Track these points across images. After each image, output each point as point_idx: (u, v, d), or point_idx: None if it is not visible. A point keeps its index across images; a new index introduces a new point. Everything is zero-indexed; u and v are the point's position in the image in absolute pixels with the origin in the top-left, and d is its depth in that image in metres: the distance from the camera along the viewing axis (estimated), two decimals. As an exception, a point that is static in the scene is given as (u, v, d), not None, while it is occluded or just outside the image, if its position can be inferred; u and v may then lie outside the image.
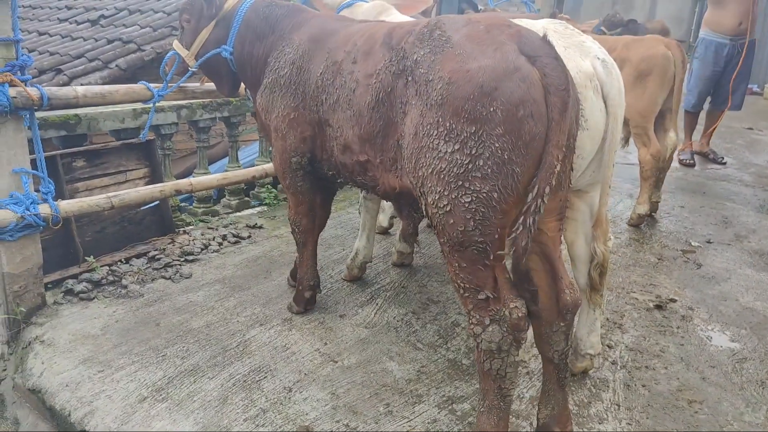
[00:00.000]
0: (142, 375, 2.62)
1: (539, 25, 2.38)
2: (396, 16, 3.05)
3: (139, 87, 3.21)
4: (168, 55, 3.09)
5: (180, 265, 3.68)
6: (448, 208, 1.87)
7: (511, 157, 1.78)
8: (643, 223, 4.61)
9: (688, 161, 6.40)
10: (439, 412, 2.45)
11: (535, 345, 2.21)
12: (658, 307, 3.37)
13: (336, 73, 2.45)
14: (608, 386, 2.66)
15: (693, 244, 4.32)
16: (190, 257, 3.78)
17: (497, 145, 1.77)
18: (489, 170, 1.78)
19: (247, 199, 5.18)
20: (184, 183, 3.65)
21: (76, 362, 2.70)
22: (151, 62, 6.64)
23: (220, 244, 4.01)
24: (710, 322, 3.23)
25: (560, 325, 2.05)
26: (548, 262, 2.03)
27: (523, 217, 1.79)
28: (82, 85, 5.35)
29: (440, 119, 1.86)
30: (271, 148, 3.07)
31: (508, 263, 1.97)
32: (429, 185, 1.92)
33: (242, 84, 3.21)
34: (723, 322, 3.24)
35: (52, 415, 2.52)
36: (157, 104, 3.47)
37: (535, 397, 2.49)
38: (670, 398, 2.59)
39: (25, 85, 2.75)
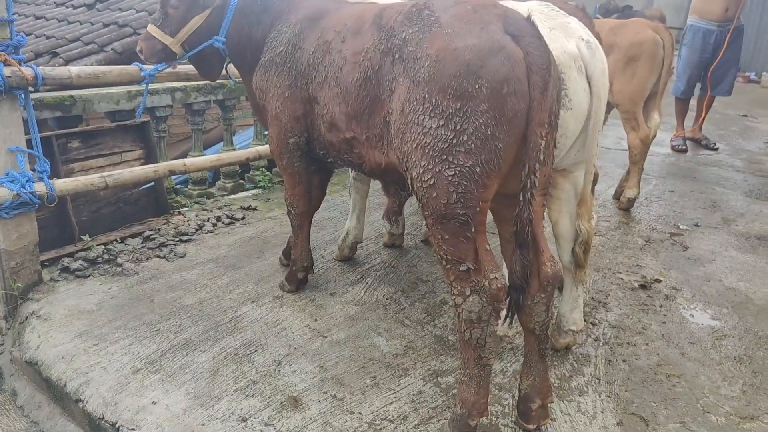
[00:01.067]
0: (136, 348, 2.69)
1: (525, 7, 2.43)
2: (386, -1, 3.08)
3: (132, 68, 3.26)
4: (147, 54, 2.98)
5: (174, 244, 3.74)
6: (432, 182, 1.94)
7: (494, 133, 1.85)
8: (632, 207, 4.68)
9: (680, 147, 6.45)
10: (424, 385, 2.52)
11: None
12: (643, 287, 3.44)
13: (325, 51, 2.50)
14: (590, 361, 2.73)
15: (681, 227, 4.38)
16: (185, 237, 3.85)
17: (481, 120, 1.83)
18: (472, 145, 1.85)
19: (242, 182, 5.23)
20: (177, 164, 3.70)
21: (71, 336, 2.77)
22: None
23: (215, 225, 4.07)
24: (693, 302, 3.31)
25: (541, 296, 2.11)
26: (531, 236, 2.08)
27: (521, 193, 1.91)
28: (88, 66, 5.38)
29: (426, 95, 1.91)
30: (266, 132, 3.10)
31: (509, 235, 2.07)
32: (414, 159, 1.98)
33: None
34: (705, 302, 3.31)
35: (49, 386, 2.60)
36: (151, 87, 3.51)
37: (519, 371, 2.55)
38: (649, 372, 2.67)
39: (20, 64, 2.79)
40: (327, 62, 2.49)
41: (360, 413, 2.34)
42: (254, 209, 4.41)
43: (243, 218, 4.23)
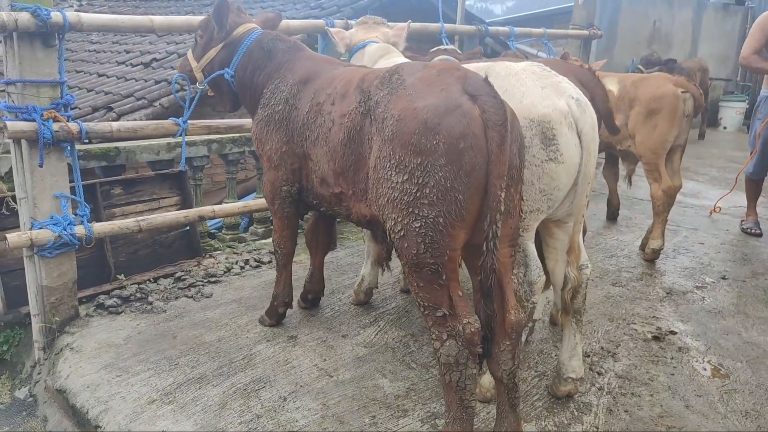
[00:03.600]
0: (155, 380, 2.88)
1: (519, 67, 2.59)
2: (397, 59, 3.31)
3: (167, 122, 3.58)
4: (182, 77, 3.44)
5: (203, 285, 3.98)
6: (402, 233, 2.08)
7: (454, 185, 1.98)
8: (657, 258, 4.65)
9: (753, 231, 5.57)
10: (421, 426, 2.59)
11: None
12: (656, 338, 3.42)
13: (318, 112, 2.72)
14: (591, 410, 2.74)
15: (706, 279, 4.33)
16: (213, 279, 4.08)
17: (440, 174, 1.97)
18: (434, 197, 1.98)
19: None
20: (207, 210, 3.97)
21: (98, 367, 3.00)
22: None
23: (242, 267, 4.30)
24: (707, 354, 3.27)
25: (506, 344, 2.19)
26: (498, 286, 2.17)
27: (484, 243, 2.00)
28: (128, 121, 5.85)
29: (392, 152, 2.08)
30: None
31: (474, 283, 2.15)
32: (387, 212, 2.14)
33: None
34: (720, 355, 3.27)
35: (74, 413, 2.81)
36: (188, 139, 3.83)
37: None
38: (650, 423, 2.66)
39: (67, 120, 3.13)
40: (319, 123, 2.70)
41: (355, 450, 2.43)
42: (281, 254, 4.62)
43: (269, 262, 4.44)
